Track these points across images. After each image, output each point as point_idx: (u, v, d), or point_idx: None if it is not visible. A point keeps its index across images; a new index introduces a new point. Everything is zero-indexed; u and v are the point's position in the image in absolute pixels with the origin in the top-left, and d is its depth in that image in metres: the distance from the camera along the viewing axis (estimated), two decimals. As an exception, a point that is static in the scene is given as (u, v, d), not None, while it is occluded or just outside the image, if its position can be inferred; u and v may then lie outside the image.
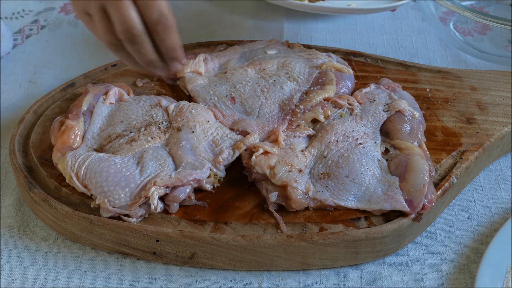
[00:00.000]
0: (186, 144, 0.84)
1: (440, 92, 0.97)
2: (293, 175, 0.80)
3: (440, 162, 0.86)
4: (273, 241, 0.76)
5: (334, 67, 0.96)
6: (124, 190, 0.79)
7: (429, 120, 0.92)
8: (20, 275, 0.80)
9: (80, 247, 0.82)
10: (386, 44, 1.14)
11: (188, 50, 1.04)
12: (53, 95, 0.96)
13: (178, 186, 0.80)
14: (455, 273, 0.79)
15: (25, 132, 0.91)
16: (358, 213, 0.79)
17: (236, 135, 0.87)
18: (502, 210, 0.87)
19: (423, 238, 0.83)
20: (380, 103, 0.91)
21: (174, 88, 0.98)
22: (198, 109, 0.89)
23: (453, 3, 1.06)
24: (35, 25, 1.21)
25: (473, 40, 1.13)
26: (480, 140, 0.89)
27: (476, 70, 1.01)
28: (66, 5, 1.26)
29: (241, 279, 0.79)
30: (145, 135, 0.86)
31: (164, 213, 0.80)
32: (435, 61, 1.11)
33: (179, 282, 0.79)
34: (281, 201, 0.80)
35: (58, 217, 0.80)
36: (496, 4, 1.21)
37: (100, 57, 1.10)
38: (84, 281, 0.79)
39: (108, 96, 0.91)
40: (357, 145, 0.84)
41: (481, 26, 1.12)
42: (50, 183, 0.84)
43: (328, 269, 0.80)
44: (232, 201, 0.82)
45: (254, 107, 0.91)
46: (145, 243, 0.79)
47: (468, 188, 0.90)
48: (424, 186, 0.79)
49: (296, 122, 0.89)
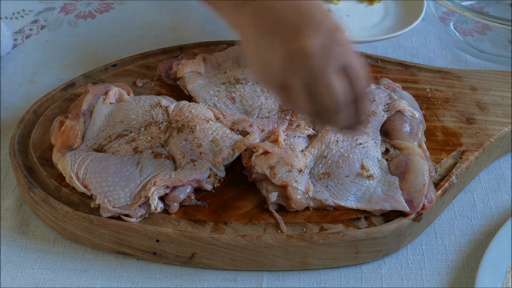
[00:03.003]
0: (186, 144, 0.84)
1: (440, 92, 0.97)
2: (293, 175, 0.80)
3: (440, 162, 0.86)
4: (273, 241, 0.76)
5: (334, 67, 0.96)
6: (124, 190, 0.79)
7: (429, 120, 0.92)
8: (20, 275, 0.80)
9: (80, 247, 0.82)
10: (386, 44, 1.14)
11: (188, 50, 1.04)
12: (53, 95, 0.96)
13: (178, 186, 0.80)
14: (455, 273, 0.79)
15: (25, 132, 0.91)
16: (358, 213, 0.79)
17: (236, 135, 0.87)
18: (502, 210, 0.87)
19: (423, 238, 0.83)
20: (380, 103, 0.91)
21: (174, 88, 0.98)
22: (198, 109, 0.89)
23: (453, 3, 1.06)
24: (35, 25, 1.21)
25: (473, 40, 1.13)
26: (480, 140, 0.89)
27: (476, 70, 1.01)
28: (66, 5, 1.26)
29: (241, 279, 0.79)
30: (145, 135, 0.86)
31: (164, 213, 0.80)
32: (435, 61, 1.11)
33: (179, 282, 0.79)
34: (281, 201, 0.80)
35: (58, 217, 0.80)
36: (496, 4, 1.21)
37: (100, 57, 1.10)
38: (84, 281, 0.79)
39: (108, 96, 0.91)
40: (357, 145, 0.84)
41: (481, 26, 1.12)
42: (50, 183, 0.84)
43: (328, 269, 0.80)
44: (232, 201, 0.82)
45: (254, 107, 0.91)
46: (145, 243, 0.79)
47: (468, 188, 0.90)
48: (424, 186, 0.79)
49: (296, 122, 0.89)
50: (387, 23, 1.04)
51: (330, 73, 0.68)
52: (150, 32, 1.19)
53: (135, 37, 1.17)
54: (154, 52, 1.04)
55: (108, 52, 1.12)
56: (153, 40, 1.15)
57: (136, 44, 1.13)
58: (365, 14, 1.07)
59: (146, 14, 1.23)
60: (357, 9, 1.09)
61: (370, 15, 1.07)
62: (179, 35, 1.16)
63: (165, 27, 1.20)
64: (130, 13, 1.24)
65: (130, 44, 1.14)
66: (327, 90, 0.69)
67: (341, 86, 0.69)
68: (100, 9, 1.25)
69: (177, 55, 1.03)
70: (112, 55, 1.09)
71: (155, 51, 1.04)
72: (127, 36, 1.18)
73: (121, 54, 1.06)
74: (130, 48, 1.11)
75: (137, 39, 1.16)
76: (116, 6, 1.26)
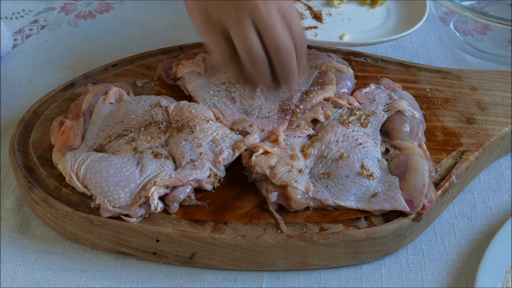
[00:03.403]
0: (186, 144, 0.84)
1: (440, 92, 0.97)
2: (293, 175, 0.80)
3: (440, 162, 0.86)
4: (273, 241, 0.76)
5: (334, 67, 0.96)
6: (124, 190, 0.79)
7: (429, 120, 0.92)
8: (20, 275, 0.80)
9: (80, 247, 0.82)
10: (386, 44, 1.14)
11: (188, 50, 1.04)
12: (53, 95, 0.96)
13: (178, 186, 0.80)
14: (455, 273, 0.79)
15: (25, 132, 0.91)
16: (358, 213, 0.79)
17: (236, 135, 0.87)
18: (502, 210, 0.87)
19: (423, 238, 0.83)
20: (380, 103, 0.91)
21: (174, 88, 0.98)
22: (198, 109, 0.89)
23: (453, 3, 1.06)
24: (35, 25, 1.21)
25: (473, 40, 1.13)
26: (480, 140, 0.89)
27: (476, 70, 1.01)
28: (66, 5, 1.26)
29: (241, 279, 0.79)
30: (145, 135, 0.86)
31: (164, 213, 0.80)
32: (435, 61, 1.11)
33: (179, 282, 0.79)
34: (281, 201, 0.80)
35: (58, 217, 0.80)
36: (496, 4, 1.21)
37: (100, 57, 1.10)
38: (84, 281, 0.79)
39: (108, 96, 0.91)
40: (357, 145, 0.84)
41: (481, 26, 1.12)
42: (50, 183, 0.84)
43: (328, 269, 0.80)
44: (232, 201, 0.82)
45: (254, 107, 0.91)
46: (145, 243, 0.79)
47: (468, 188, 0.90)
48: (424, 186, 0.79)
49: (296, 122, 0.89)
50: (389, 26, 1.04)
51: (275, 18, 0.76)
52: (150, 32, 1.19)
53: (135, 37, 1.17)
54: (154, 52, 1.04)
55: (108, 52, 1.12)
56: (153, 40, 1.15)
57: (136, 44, 1.13)
58: (366, 17, 1.07)
59: (146, 14, 1.23)
60: (358, 12, 1.09)
61: (372, 18, 1.07)
62: (179, 35, 1.16)
63: (165, 27, 1.20)
64: (130, 13, 1.24)
65: (130, 44, 1.15)
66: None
67: (286, 31, 0.76)
68: (100, 9, 1.25)
69: (177, 55, 1.03)
70: (112, 55, 1.09)
71: (155, 51, 1.04)
72: (127, 36, 1.18)
73: (121, 54, 1.06)
74: (130, 48, 1.11)
75: (137, 39, 1.16)
76: (116, 6, 1.26)
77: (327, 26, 1.04)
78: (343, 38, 1.00)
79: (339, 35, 1.01)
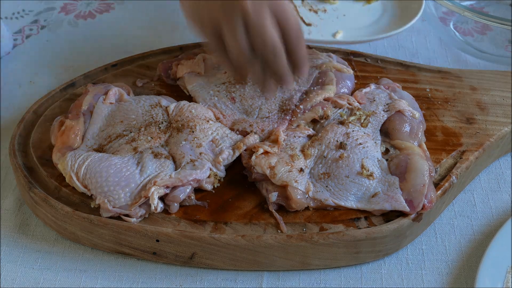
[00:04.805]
0: (186, 144, 0.84)
1: (440, 92, 0.97)
2: (293, 175, 0.80)
3: (440, 162, 0.86)
4: (273, 241, 0.76)
5: (334, 67, 0.96)
6: (124, 190, 0.79)
7: (429, 120, 0.92)
8: (20, 275, 0.80)
9: (80, 247, 0.82)
10: (386, 44, 1.14)
11: (188, 50, 1.04)
12: (53, 95, 0.96)
13: (178, 186, 0.80)
14: (455, 273, 0.79)
15: (25, 132, 0.91)
16: (358, 213, 0.79)
17: (236, 135, 0.87)
18: (502, 210, 0.87)
19: (423, 238, 0.83)
20: (380, 103, 0.91)
21: (174, 88, 0.98)
22: (198, 109, 0.89)
23: (453, 3, 1.06)
24: (35, 25, 1.21)
25: (473, 40, 1.13)
26: (480, 140, 0.89)
27: (476, 70, 1.01)
28: (66, 5, 1.26)
29: (241, 279, 0.79)
30: (145, 135, 0.86)
31: (164, 213, 0.80)
32: (435, 61, 1.11)
33: (179, 282, 0.79)
34: (281, 201, 0.80)
35: (58, 217, 0.80)
36: (496, 4, 1.21)
37: (100, 57, 1.10)
38: (84, 281, 0.79)
39: (108, 96, 0.91)
40: (357, 145, 0.84)
41: (481, 26, 1.12)
42: (50, 183, 0.84)
43: (328, 269, 0.80)
44: (232, 201, 0.82)
45: (254, 107, 0.91)
46: (145, 243, 0.79)
47: (468, 188, 0.90)
48: (424, 186, 0.79)
49: (296, 122, 0.89)
50: (384, 22, 1.04)
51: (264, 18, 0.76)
52: (150, 32, 1.19)
53: (135, 37, 1.17)
54: (154, 52, 1.04)
55: (108, 52, 1.12)
56: (153, 40, 1.15)
57: (136, 44, 1.13)
58: (362, 13, 1.07)
59: (146, 14, 1.24)
60: (354, 8, 1.08)
61: (367, 14, 1.06)
62: (179, 35, 1.16)
63: (165, 27, 1.20)
64: (130, 13, 1.24)
65: (130, 44, 1.15)
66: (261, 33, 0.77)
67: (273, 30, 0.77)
68: (100, 9, 1.25)
69: (177, 55, 1.03)
70: (112, 55, 1.09)
71: (155, 51, 1.04)
72: (127, 36, 1.18)
73: (121, 54, 1.06)
74: (130, 48, 1.11)
75: (137, 39, 1.16)
76: (116, 6, 1.26)
77: (321, 23, 1.03)
78: (336, 35, 1.00)
79: (333, 32, 1.01)
